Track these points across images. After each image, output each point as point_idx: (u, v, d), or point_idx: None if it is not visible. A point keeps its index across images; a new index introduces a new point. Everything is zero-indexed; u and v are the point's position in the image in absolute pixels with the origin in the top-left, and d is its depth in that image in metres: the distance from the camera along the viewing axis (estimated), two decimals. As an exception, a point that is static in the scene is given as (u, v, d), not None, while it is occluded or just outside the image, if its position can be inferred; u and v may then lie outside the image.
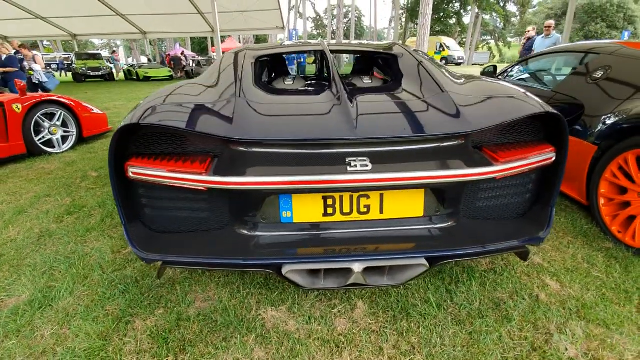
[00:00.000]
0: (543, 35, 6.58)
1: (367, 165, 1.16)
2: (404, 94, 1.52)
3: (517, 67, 3.73)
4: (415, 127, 1.20)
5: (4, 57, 6.99)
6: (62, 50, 32.60)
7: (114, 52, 23.84)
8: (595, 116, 2.30)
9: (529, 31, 7.89)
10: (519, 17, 35.43)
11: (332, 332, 1.46)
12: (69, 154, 4.25)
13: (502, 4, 29.75)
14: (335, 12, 27.99)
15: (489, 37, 40.58)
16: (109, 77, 20.26)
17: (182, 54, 24.12)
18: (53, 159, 3.99)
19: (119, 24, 16.03)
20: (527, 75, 3.59)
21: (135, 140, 1.37)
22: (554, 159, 1.39)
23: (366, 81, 2.16)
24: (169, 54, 26.80)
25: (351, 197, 1.29)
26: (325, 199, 1.28)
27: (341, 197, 1.28)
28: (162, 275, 1.49)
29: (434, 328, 1.47)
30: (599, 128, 2.23)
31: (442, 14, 25.93)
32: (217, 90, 1.56)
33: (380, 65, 2.66)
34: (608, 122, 2.18)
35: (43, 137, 4.11)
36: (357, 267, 1.21)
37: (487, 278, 1.77)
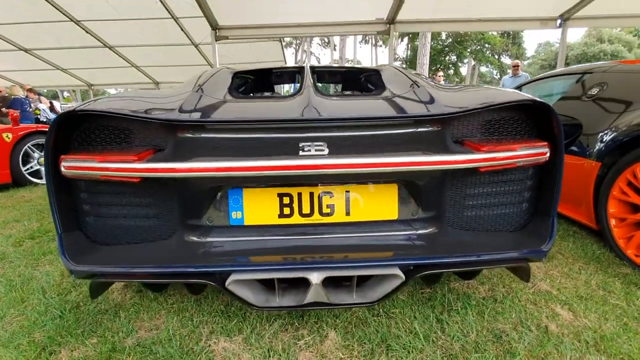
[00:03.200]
0: (511, 74, 6.80)
1: (322, 150, 1.00)
2: (376, 91, 1.40)
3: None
4: (380, 110, 1.06)
5: (12, 98, 7.29)
6: (80, 100, 34.59)
7: None
8: (594, 133, 2.15)
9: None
10: (514, 69, 37.00)
11: (293, 368, 1.19)
12: (55, 185, 4.16)
13: (497, 57, 31.30)
14: (338, 65, 29.54)
15: (487, 87, 42.11)
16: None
17: None
18: (37, 189, 3.89)
19: (133, 75, 17.00)
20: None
21: (77, 136, 1.24)
22: (547, 154, 1.21)
23: (346, 93, 2.08)
24: None
25: (311, 195, 1.11)
26: (281, 197, 1.10)
27: (299, 195, 1.10)
28: (96, 295, 1.27)
29: (419, 364, 1.19)
30: (600, 143, 2.06)
31: (439, 65, 27.22)
32: (179, 88, 1.46)
33: (366, 87, 2.59)
34: (609, 136, 2.03)
35: (31, 167, 4.06)
36: (316, 277, 1.00)
37: (485, 306, 1.51)
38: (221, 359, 1.23)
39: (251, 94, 2.38)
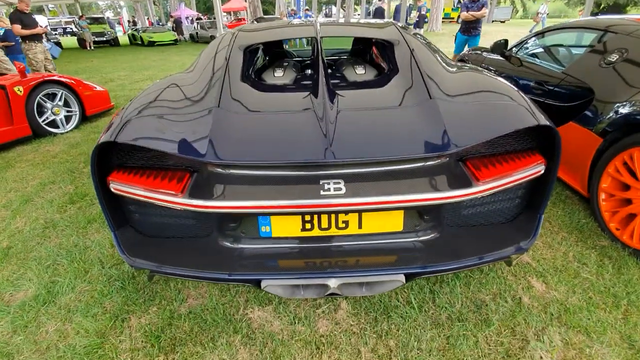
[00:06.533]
0: None
1: (340, 189, 1.14)
2: (389, 100, 1.45)
3: (532, 39, 3.46)
4: (393, 148, 1.16)
5: (1, 31, 6.88)
6: (67, 14, 31.94)
7: (81, 16, 20.34)
8: (604, 105, 2.16)
9: None
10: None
11: (314, 334, 1.52)
12: (73, 134, 4.30)
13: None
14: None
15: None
16: (113, 43, 19.97)
17: (199, 18, 25.44)
18: (58, 140, 4.06)
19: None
20: (541, 50, 3.35)
21: (117, 153, 1.38)
22: (542, 172, 1.33)
23: (359, 72, 2.07)
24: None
25: (329, 215, 1.29)
26: (302, 215, 1.28)
27: (319, 215, 1.28)
28: (151, 279, 1.55)
29: (412, 331, 1.51)
30: (607, 118, 2.09)
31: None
32: (201, 94, 1.53)
33: (377, 46, 2.52)
34: (617, 113, 2.05)
35: (47, 117, 4.15)
36: (333, 282, 1.24)
37: (472, 278, 1.79)
38: (258, 325, 1.57)
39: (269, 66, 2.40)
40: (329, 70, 2.49)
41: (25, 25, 5.79)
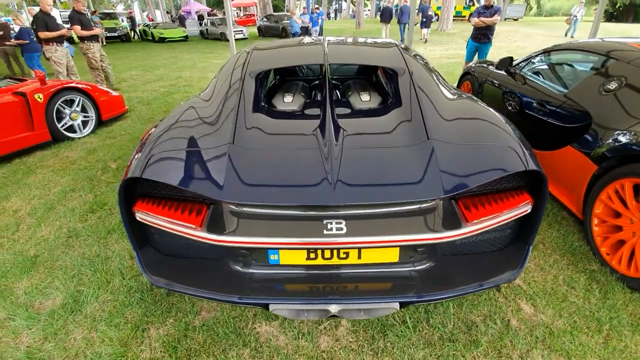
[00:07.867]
0: None
1: (342, 229, 1.28)
2: (389, 138, 1.57)
3: (538, 57, 3.52)
4: (390, 192, 1.28)
5: (17, 28, 7.09)
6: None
7: (94, 12, 19.78)
8: (600, 133, 2.24)
9: None
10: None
11: (316, 349, 1.67)
12: (90, 139, 4.49)
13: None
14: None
15: (528, -14, 36.75)
16: (125, 38, 20.23)
17: (201, 17, 26.01)
18: (76, 145, 4.24)
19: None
20: (546, 67, 3.41)
21: (141, 184, 1.53)
22: (529, 211, 1.44)
23: (364, 98, 2.18)
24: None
25: (331, 249, 1.42)
26: (307, 249, 1.42)
27: (322, 248, 1.42)
28: (169, 294, 1.71)
29: (406, 349, 1.65)
30: (602, 147, 2.18)
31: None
32: (217, 127, 1.67)
33: (380, 89, 2.63)
34: (611, 142, 2.13)
35: (65, 123, 4.34)
36: (334, 308, 1.38)
37: (465, 299, 1.91)
38: (265, 339, 1.72)
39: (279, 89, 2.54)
40: (337, 92, 2.61)
41: (84, 26, 5.96)
